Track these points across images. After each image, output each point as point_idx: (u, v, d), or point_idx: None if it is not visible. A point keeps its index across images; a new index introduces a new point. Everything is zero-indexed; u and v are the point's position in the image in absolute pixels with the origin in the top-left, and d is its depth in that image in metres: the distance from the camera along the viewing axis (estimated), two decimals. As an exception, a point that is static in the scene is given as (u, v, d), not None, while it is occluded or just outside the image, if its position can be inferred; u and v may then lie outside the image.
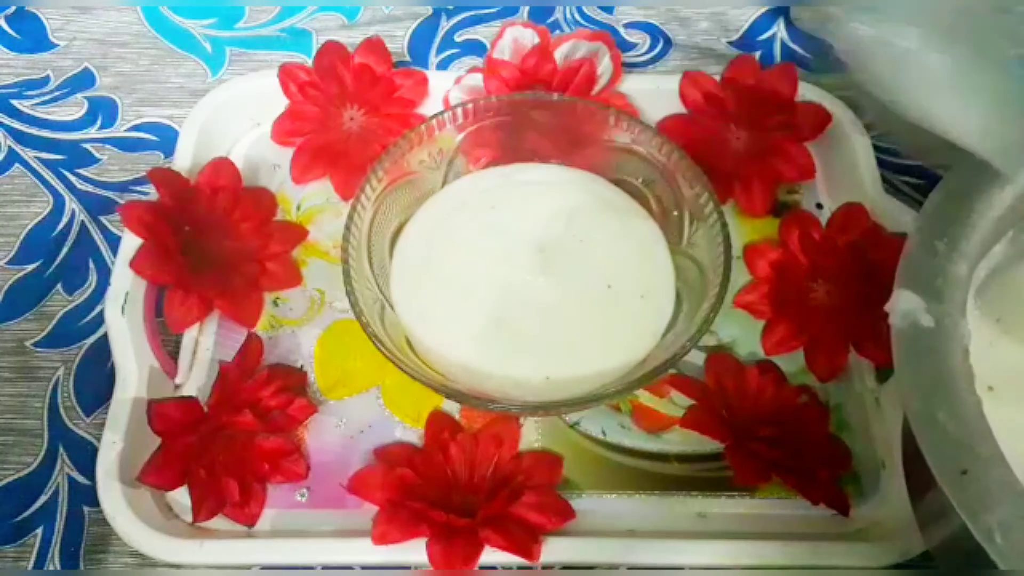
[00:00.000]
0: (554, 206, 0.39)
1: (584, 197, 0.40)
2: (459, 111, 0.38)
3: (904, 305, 0.28)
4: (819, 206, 0.42)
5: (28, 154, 0.44)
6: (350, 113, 0.42)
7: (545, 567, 0.33)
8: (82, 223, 0.42)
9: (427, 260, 0.38)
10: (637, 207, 0.39)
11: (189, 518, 0.34)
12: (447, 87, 0.43)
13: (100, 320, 0.38)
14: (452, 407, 0.37)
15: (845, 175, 0.41)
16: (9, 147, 0.44)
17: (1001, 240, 0.32)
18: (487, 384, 0.35)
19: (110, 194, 0.43)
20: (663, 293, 0.37)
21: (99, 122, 0.45)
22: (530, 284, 0.37)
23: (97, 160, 0.44)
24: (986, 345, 0.32)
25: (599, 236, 0.38)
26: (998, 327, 0.33)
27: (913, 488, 0.32)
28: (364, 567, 0.33)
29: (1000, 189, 0.30)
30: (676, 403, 0.37)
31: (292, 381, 0.37)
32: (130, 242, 0.37)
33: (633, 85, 0.44)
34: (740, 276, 0.39)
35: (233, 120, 0.43)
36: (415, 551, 0.32)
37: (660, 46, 0.49)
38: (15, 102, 0.45)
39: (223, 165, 0.40)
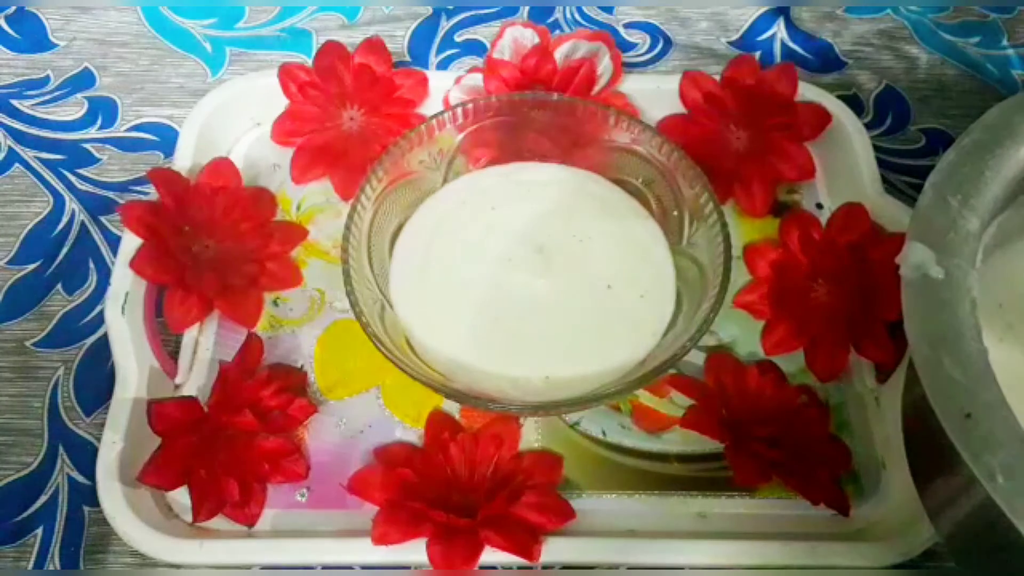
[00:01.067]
0: (554, 206, 0.39)
1: (584, 197, 0.40)
2: (459, 111, 0.38)
3: (915, 256, 0.28)
4: (819, 206, 0.42)
5: (28, 154, 0.44)
6: (350, 113, 0.42)
7: (545, 567, 0.33)
8: (82, 223, 0.42)
9: (425, 260, 0.38)
10: (637, 207, 0.39)
11: (189, 518, 0.34)
12: (447, 87, 0.43)
13: (100, 320, 0.38)
14: (452, 407, 0.37)
15: (845, 175, 0.41)
16: (9, 147, 0.44)
17: (1012, 204, 0.33)
18: (486, 384, 0.35)
19: (110, 194, 0.43)
20: (663, 293, 0.37)
21: (99, 122, 0.45)
22: (529, 284, 0.37)
23: (97, 160, 0.44)
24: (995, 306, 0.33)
25: (599, 236, 0.38)
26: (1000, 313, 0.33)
27: (919, 476, 0.32)
28: (364, 567, 0.33)
29: (1016, 150, 0.31)
30: (676, 403, 0.37)
31: (292, 381, 0.37)
32: (130, 242, 0.37)
33: (633, 85, 0.44)
34: (740, 276, 0.39)
35: (233, 120, 0.43)
36: (415, 551, 0.32)
37: (660, 46, 0.49)
38: (15, 102, 0.45)
39: (223, 165, 0.40)
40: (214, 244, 0.38)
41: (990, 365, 0.26)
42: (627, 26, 0.50)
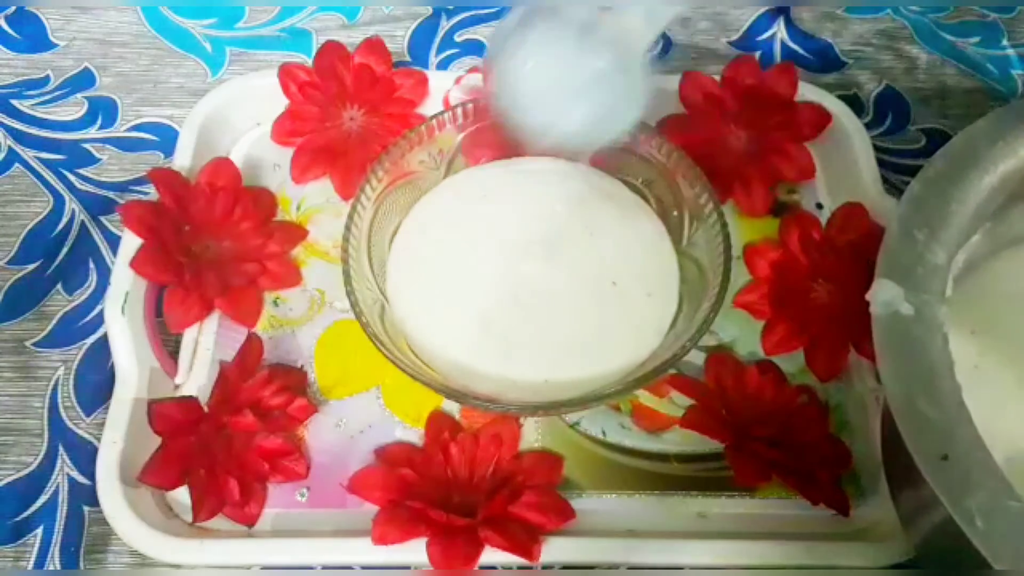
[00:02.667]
0: (555, 197, 0.39)
1: (586, 189, 0.39)
2: (459, 111, 0.38)
3: (884, 294, 0.28)
4: (819, 206, 0.42)
5: (28, 154, 0.44)
6: (350, 113, 0.42)
7: (545, 567, 0.33)
8: (82, 223, 0.42)
9: (422, 257, 0.38)
10: (641, 202, 0.39)
11: (189, 518, 0.34)
12: (447, 87, 0.43)
13: (100, 320, 0.38)
14: (452, 407, 0.37)
15: (845, 175, 0.41)
16: (9, 147, 0.44)
17: (979, 231, 0.33)
18: (484, 386, 0.35)
19: (110, 194, 0.43)
20: (669, 292, 0.37)
21: (99, 122, 0.45)
22: (529, 280, 0.37)
23: (97, 160, 0.44)
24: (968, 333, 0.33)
25: (606, 229, 0.38)
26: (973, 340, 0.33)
27: (894, 484, 0.32)
28: (364, 567, 0.33)
29: (979, 179, 0.31)
30: (676, 403, 0.37)
31: (292, 381, 0.36)
32: (130, 242, 0.37)
33: (633, 85, 0.44)
34: (740, 276, 0.39)
35: (233, 120, 0.43)
36: (415, 551, 0.32)
37: (660, 46, 0.49)
38: (15, 102, 0.45)
39: (223, 165, 0.40)
40: (214, 244, 0.39)
41: (964, 403, 0.26)
42: (627, 26, 0.50)
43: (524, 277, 0.37)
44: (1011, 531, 0.24)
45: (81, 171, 0.43)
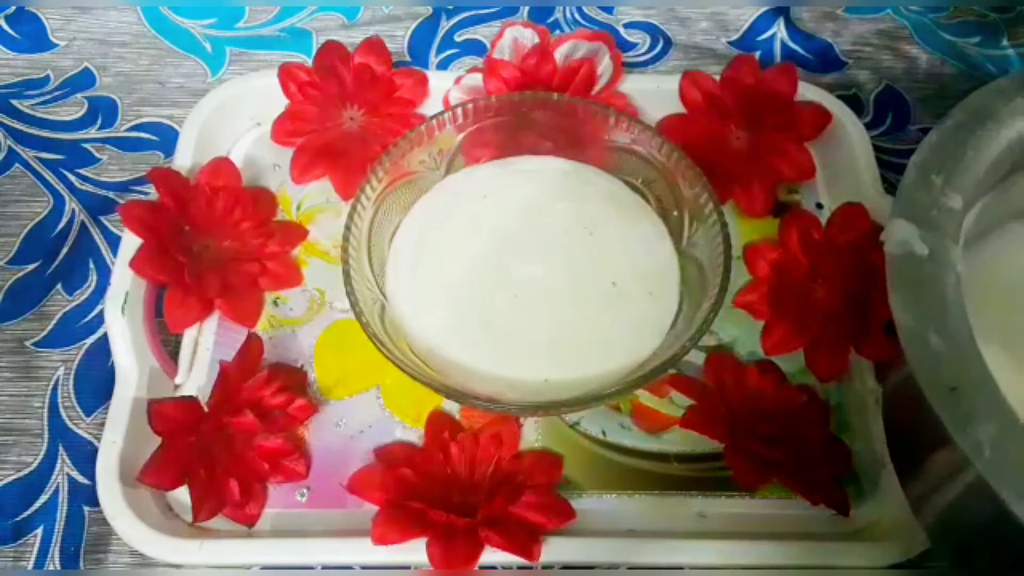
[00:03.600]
0: (556, 194, 0.39)
1: (589, 186, 0.39)
2: (459, 111, 0.38)
3: (899, 233, 0.28)
4: (819, 206, 0.42)
5: (28, 154, 0.44)
6: (350, 113, 0.42)
7: (545, 567, 0.33)
8: (82, 223, 0.42)
9: (421, 257, 0.38)
10: (641, 201, 0.39)
11: (189, 518, 0.34)
12: (447, 87, 0.43)
13: (100, 320, 0.38)
14: (452, 407, 0.37)
15: (845, 175, 0.41)
16: (9, 147, 0.44)
17: (991, 192, 0.33)
18: (482, 386, 0.34)
19: (110, 194, 0.43)
20: (670, 291, 0.37)
21: (99, 122, 0.45)
22: (529, 280, 0.37)
23: (97, 160, 0.44)
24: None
25: (606, 228, 0.38)
26: None
27: (901, 465, 0.32)
28: (364, 567, 0.33)
29: (997, 131, 0.31)
30: (676, 403, 0.37)
31: (292, 381, 0.36)
32: (130, 242, 0.37)
33: (633, 85, 0.44)
34: (740, 276, 0.39)
35: (233, 120, 0.43)
36: (415, 551, 0.32)
37: (660, 46, 0.49)
38: (15, 102, 0.45)
39: (223, 165, 0.40)
40: (214, 244, 0.38)
41: (974, 338, 0.26)
42: (627, 26, 0.50)
43: (524, 277, 0.37)
44: (1018, 459, 0.24)
45: (81, 171, 0.43)
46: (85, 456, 0.36)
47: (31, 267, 0.41)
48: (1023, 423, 0.24)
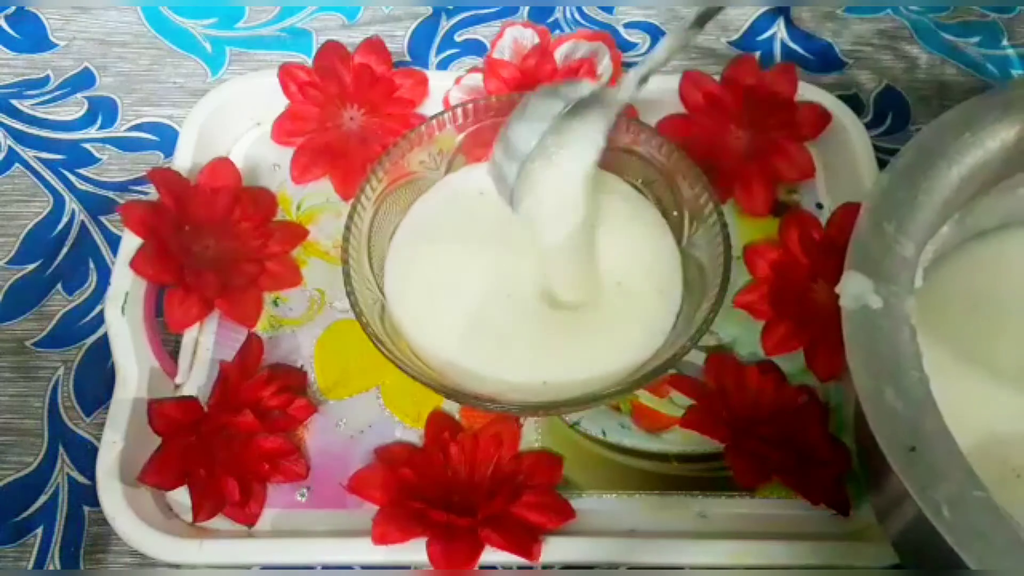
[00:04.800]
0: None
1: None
2: (459, 111, 0.38)
3: (853, 287, 0.28)
4: (819, 206, 0.42)
5: (28, 154, 0.44)
6: (350, 113, 0.42)
7: (545, 567, 0.33)
8: (82, 223, 0.42)
9: (421, 257, 0.38)
10: (644, 200, 0.39)
11: (189, 518, 0.34)
12: (447, 87, 0.43)
13: (100, 320, 0.38)
14: (452, 407, 0.37)
15: (845, 175, 0.41)
16: (9, 147, 0.44)
17: (948, 222, 0.33)
18: (482, 386, 0.34)
19: (110, 194, 0.43)
20: (673, 290, 0.37)
21: (99, 122, 0.45)
22: (527, 280, 0.36)
23: (97, 160, 0.44)
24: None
25: (606, 230, 0.37)
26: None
27: (869, 481, 0.32)
28: (364, 567, 0.33)
29: (947, 171, 0.31)
30: (676, 403, 0.37)
31: (292, 381, 0.37)
32: (130, 242, 0.37)
33: (633, 85, 0.44)
34: (740, 276, 0.39)
35: (233, 120, 0.43)
36: (415, 551, 0.32)
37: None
38: (15, 102, 0.45)
39: (223, 165, 0.40)
40: (214, 244, 0.38)
41: (931, 394, 0.26)
42: (627, 26, 0.50)
43: (524, 276, 0.37)
44: (977, 521, 0.24)
45: (81, 171, 0.43)
46: (85, 456, 0.36)
47: (31, 267, 0.41)
48: (980, 480, 0.25)
